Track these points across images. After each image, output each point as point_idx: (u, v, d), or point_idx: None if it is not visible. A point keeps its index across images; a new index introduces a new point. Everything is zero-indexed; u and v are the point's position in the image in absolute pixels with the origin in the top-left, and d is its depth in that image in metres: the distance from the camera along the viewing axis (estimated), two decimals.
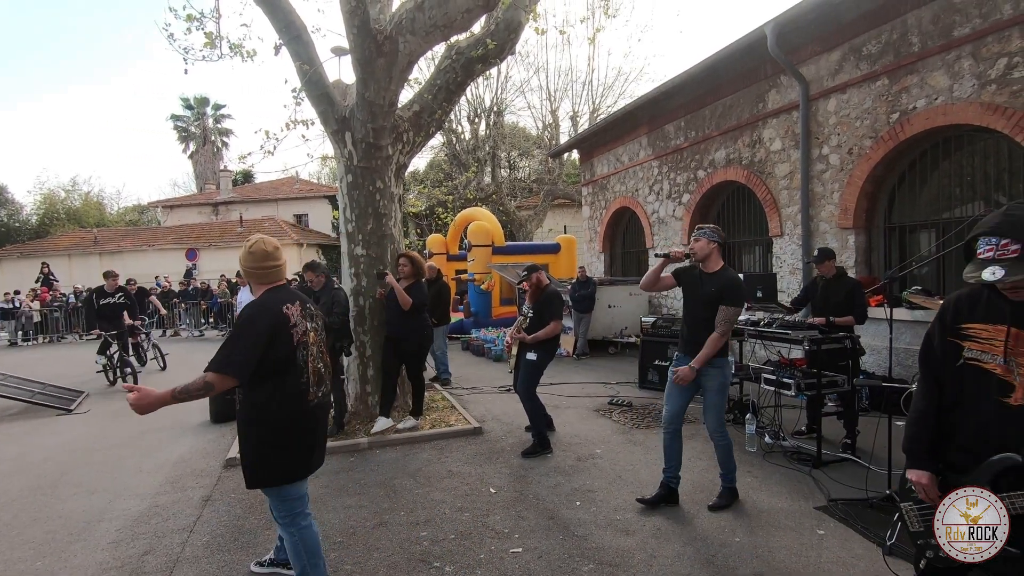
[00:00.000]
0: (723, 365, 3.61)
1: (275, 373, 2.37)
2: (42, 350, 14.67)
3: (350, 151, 5.48)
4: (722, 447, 3.67)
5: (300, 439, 2.44)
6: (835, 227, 6.79)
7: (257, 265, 2.46)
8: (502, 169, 23.27)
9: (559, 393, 6.74)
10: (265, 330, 2.33)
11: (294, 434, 2.42)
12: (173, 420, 6.33)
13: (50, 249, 22.89)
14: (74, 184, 35.50)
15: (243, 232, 23.09)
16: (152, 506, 3.96)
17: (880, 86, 6.16)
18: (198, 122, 34.61)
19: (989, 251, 1.47)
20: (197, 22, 5.03)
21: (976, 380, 1.59)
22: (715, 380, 3.59)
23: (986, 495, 1.36)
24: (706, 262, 3.56)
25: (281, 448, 2.40)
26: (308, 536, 2.51)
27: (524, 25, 5.78)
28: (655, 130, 10.38)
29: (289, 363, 2.40)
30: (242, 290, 8.17)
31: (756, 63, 7.67)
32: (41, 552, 3.34)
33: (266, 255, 2.48)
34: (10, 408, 7.19)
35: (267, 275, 2.49)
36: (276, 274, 2.52)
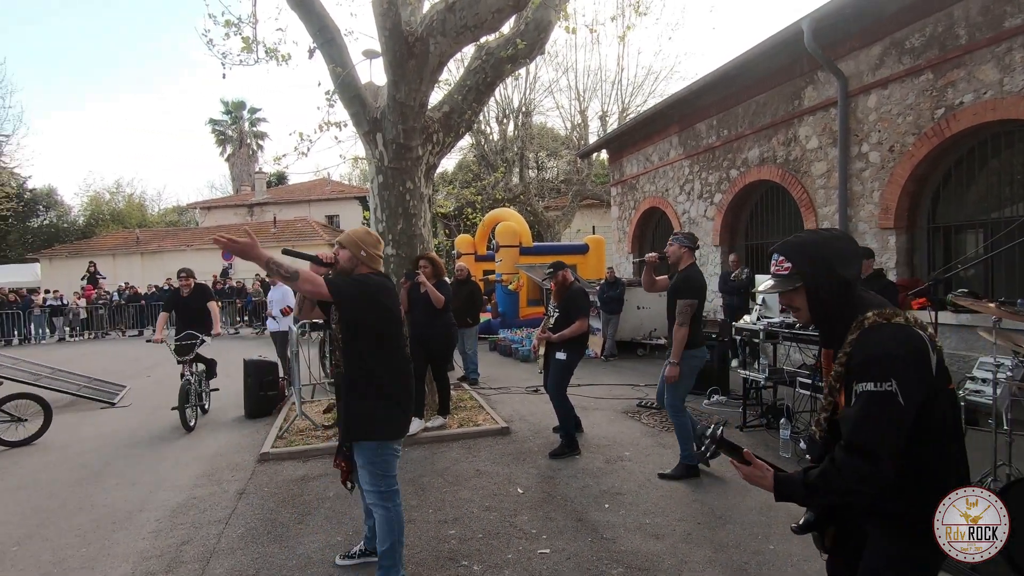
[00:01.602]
0: (690, 356, 4.02)
1: (390, 338, 2.69)
2: (87, 345, 15.29)
3: (381, 152, 5.55)
4: (676, 425, 4.15)
5: (406, 401, 2.75)
6: (875, 227, 6.57)
7: (373, 250, 2.76)
8: (530, 170, 23.26)
9: (587, 395, 6.69)
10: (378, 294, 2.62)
11: (403, 396, 2.72)
12: (209, 415, 6.53)
13: (96, 249, 23.87)
14: (118, 186, 37.06)
15: (276, 232, 23.65)
16: (190, 498, 4.08)
17: (924, 81, 5.94)
18: (235, 126, 35.59)
19: (772, 266, 1.64)
20: (235, 27, 5.17)
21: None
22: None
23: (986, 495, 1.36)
24: (678, 265, 4.06)
25: (394, 406, 2.68)
26: (399, 513, 2.73)
27: (554, 24, 5.76)
28: (686, 129, 10.22)
29: (398, 332, 2.74)
30: (273, 289, 8.35)
31: (792, 59, 7.48)
32: (87, 540, 3.48)
33: (378, 241, 2.82)
34: (59, 400, 7.50)
35: (374, 260, 2.79)
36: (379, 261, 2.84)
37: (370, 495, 2.68)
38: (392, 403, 2.67)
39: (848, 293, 1.50)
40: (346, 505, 3.80)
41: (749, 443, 4.89)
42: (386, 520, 2.65)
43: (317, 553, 3.18)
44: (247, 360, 6.59)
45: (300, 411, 5.75)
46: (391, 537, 2.66)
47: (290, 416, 5.84)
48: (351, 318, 2.62)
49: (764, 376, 5.06)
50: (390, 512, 2.66)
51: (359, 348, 2.63)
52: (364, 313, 2.59)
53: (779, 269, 1.60)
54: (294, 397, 5.98)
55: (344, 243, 2.73)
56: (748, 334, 5.28)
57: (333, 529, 3.47)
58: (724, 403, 6.19)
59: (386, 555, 2.66)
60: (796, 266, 1.55)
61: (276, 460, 4.80)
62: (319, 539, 3.35)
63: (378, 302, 2.61)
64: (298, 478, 4.37)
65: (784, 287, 1.57)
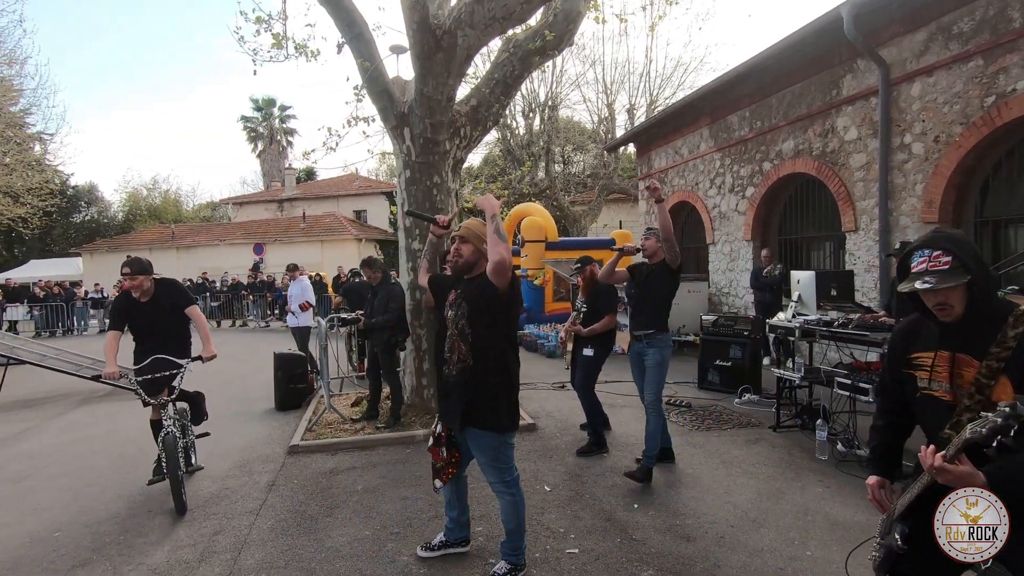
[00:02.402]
0: (662, 344, 4.05)
1: (515, 335, 2.86)
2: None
3: (408, 147, 5.54)
4: (653, 422, 3.98)
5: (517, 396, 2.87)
6: (917, 221, 6.29)
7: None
8: (556, 164, 23.08)
9: (615, 392, 6.60)
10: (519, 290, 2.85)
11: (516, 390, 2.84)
12: (240, 407, 6.66)
13: (133, 243, 24.62)
14: (155, 183, 38.16)
15: (305, 228, 24.03)
16: (222, 488, 4.15)
17: (973, 67, 5.65)
18: (265, 123, 36.25)
19: (922, 263, 1.53)
20: (265, 24, 5.21)
21: (931, 409, 1.62)
22: (654, 357, 4.03)
23: (986, 495, 1.35)
24: (652, 259, 4.16)
25: (516, 400, 2.81)
26: (522, 498, 2.89)
27: (583, 15, 5.65)
28: (717, 121, 9.97)
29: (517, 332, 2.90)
30: (292, 284, 8.44)
31: (830, 47, 7.21)
32: (124, 526, 3.57)
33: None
34: (99, 390, 7.77)
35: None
36: None
37: (495, 485, 2.82)
38: (515, 396, 2.80)
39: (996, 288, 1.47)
40: (374, 499, 3.82)
41: (784, 444, 4.75)
42: (512, 504, 2.83)
43: (345, 547, 3.20)
44: (277, 353, 6.69)
45: (329, 404, 5.82)
46: (517, 519, 2.84)
47: (319, 409, 5.91)
48: (500, 308, 2.66)
49: (799, 375, 4.91)
50: (516, 497, 2.83)
51: (495, 340, 2.70)
52: (512, 306, 2.71)
53: (936, 264, 1.52)
54: (323, 390, 6.05)
55: (468, 237, 2.73)
56: (782, 331, 5.12)
57: (361, 523, 3.49)
58: (756, 402, 6.04)
59: (514, 533, 2.86)
60: (959, 260, 1.49)
61: (305, 453, 4.86)
62: (347, 532, 3.37)
63: (519, 298, 2.81)
64: (327, 471, 4.41)
65: (953, 281, 1.49)
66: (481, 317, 2.66)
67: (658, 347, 4.06)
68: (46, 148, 18.61)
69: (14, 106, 15.86)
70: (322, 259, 21.67)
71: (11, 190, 15.07)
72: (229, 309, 18.03)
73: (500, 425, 2.70)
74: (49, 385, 8.23)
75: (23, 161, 15.47)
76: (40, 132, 18.05)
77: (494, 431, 2.71)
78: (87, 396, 7.64)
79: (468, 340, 2.68)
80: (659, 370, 4.05)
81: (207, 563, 3.08)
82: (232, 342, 13.35)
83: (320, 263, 20.92)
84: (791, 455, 4.48)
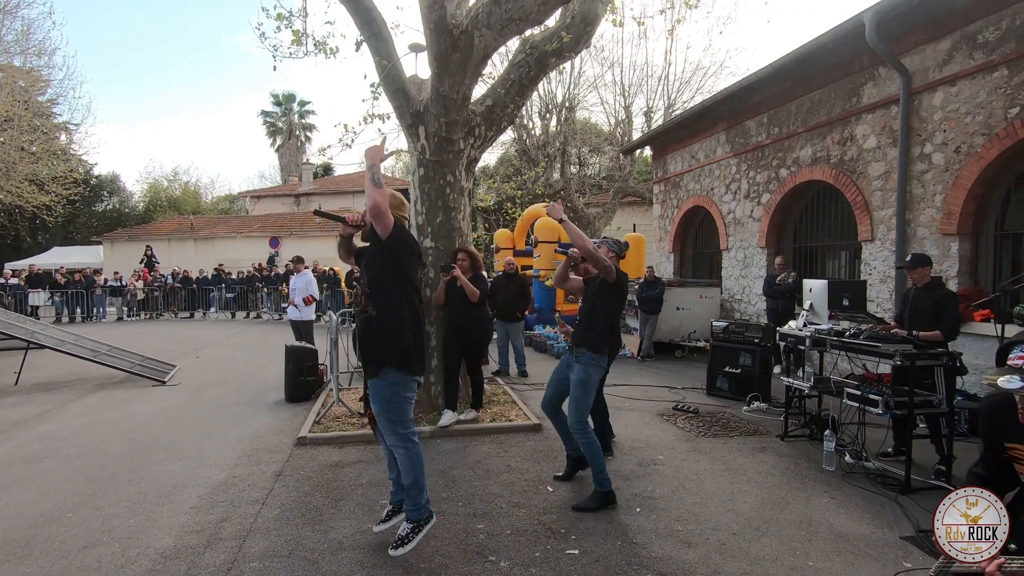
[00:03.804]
0: (589, 363, 3.73)
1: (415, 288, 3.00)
2: (143, 325, 16.08)
3: (423, 145, 5.58)
4: (583, 444, 3.73)
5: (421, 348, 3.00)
6: (935, 232, 6.20)
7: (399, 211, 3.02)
8: (572, 165, 23.03)
9: (622, 395, 6.59)
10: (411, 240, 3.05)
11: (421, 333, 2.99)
12: (251, 397, 6.76)
13: (153, 234, 25.05)
14: (175, 175, 38.80)
15: (321, 223, 24.23)
16: (230, 476, 4.22)
17: (997, 78, 5.55)
18: (284, 118, 36.67)
19: (1019, 360, 1.47)
20: (286, 20, 5.27)
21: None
22: (578, 374, 3.73)
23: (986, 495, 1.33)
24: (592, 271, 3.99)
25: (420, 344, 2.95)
26: (420, 451, 2.98)
27: (601, 17, 5.65)
28: (735, 126, 9.90)
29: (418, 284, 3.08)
30: (295, 277, 8.54)
31: (851, 54, 7.13)
32: (133, 511, 3.64)
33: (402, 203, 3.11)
34: (114, 376, 7.93)
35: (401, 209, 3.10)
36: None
37: (390, 438, 2.91)
38: (420, 342, 2.93)
39: None
40: (378, 493, 3.86)
41: (791, 453, 4.71)
42: (407, 459, 2.91)
43: (349, 539, 3.24)
44: (288, 345, 6.78)
45: (337, 398, 5.88)
46: (415, 472, 2.92)
47: (327, 402, 5.98)
48: (390, 255, 2.87)
49: (809, 385, 4.86)
50: (412, 451, 2.91)
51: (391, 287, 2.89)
52: (402, 252, 2.89)
53: None
54: (331, 384, 6.12)
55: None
56: (793, 340, 5.08)
57: (365, 516, 3.53)
58: (765, 410, 5.99)
59: (412, 488, 2.94)
60: None
61: (313, 445, 4.92)
62: (351, 525, 3.41)
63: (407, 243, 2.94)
64: (333, 463, 4.46)
65: None
66: (373, 267, 2.92)
67: (584, 364, 3.72)
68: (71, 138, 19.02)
69: (42, 96, 16.23)
70: (336, 254, 21.86)
71: (36, 178, 15.40)
72: (244, 301, 18.26)
73: (397, 360, 2.84)
74: (67, 370, 8.41)
75: (49, 150, 15.80)
76: (66, 122, 18.45)
77: (392, 366, 2.84)
78: (103, 382, 7.79)
79: (368, 293, 2.92)
80: (581, 388, 3.69)
81: (212, 549, 3.14)
82: (245, 333, 13.54)
83: (335, 258, 21.09)
84: (797, 465, 4.44)
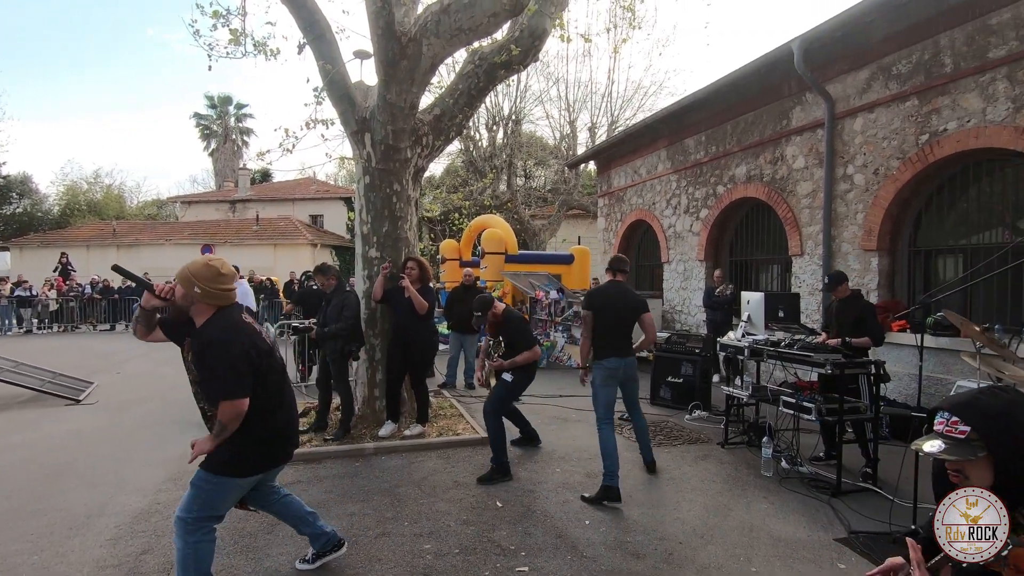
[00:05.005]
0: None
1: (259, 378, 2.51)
2: (56, 339, 14.79)
3: (369, 153, 5.44)
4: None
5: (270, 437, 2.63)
6: (858, 248, 6.64)
7: (212, 285, 2.44)
8: (518, 177, 23.23)
9: (568, 406, 6.61)
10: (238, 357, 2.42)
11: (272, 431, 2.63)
12: (178, 415, 6.31)
13: (70, 239, 23.19)
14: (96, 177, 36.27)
15: (259, 230, 23.28)
16: (153, 503, 3.90)
17: (910, 106, 6.03)
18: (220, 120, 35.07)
19: (940, 425, 1.48)
20: (222, 19, 5.04)
21: None
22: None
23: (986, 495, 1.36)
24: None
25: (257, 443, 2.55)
26: (209, 550, 2.54)
27: (549, 32, 5.73)
28: (675, 144, 10.29)
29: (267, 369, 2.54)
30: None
31: (781, 79, 7.57)
32: (39, 546, 3.29)
33: (220, 275, 2.46)
34: (20, 396, 7.21)
35: (215, 296, 2.47)
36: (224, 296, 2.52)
37: (186, 518, 2.49)
38: (255, 440, 2.51)
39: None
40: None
41: (731, 460, 4.86)
42: (187, 555, 2.45)
43: (285, 566, 3.05)
44: None
45: None
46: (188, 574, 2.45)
47: None
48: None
49: (747, 393, 5.05)
50: (199, 544, 2.48)
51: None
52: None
53: (952, 431, 1.42)
54: None
55: (178, 279, 2.45)
56: (732, 350, 5.27)
57: (303, 541, 3.32)
58: (706, 419, 6.17)
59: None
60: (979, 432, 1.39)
61: None
62: (287, 551, 3.22)
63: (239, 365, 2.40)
64: None
65: (962, 455, 1.39)
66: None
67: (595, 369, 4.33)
68: None
69: None
70: (275, 263, 21.01)
71: None
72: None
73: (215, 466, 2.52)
74: None
75: None
76: None
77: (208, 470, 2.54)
78: (8, 402, 7.07)
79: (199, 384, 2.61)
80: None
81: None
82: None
83: (272, 267, 20.27)
84: (738, 471, 4.58)
